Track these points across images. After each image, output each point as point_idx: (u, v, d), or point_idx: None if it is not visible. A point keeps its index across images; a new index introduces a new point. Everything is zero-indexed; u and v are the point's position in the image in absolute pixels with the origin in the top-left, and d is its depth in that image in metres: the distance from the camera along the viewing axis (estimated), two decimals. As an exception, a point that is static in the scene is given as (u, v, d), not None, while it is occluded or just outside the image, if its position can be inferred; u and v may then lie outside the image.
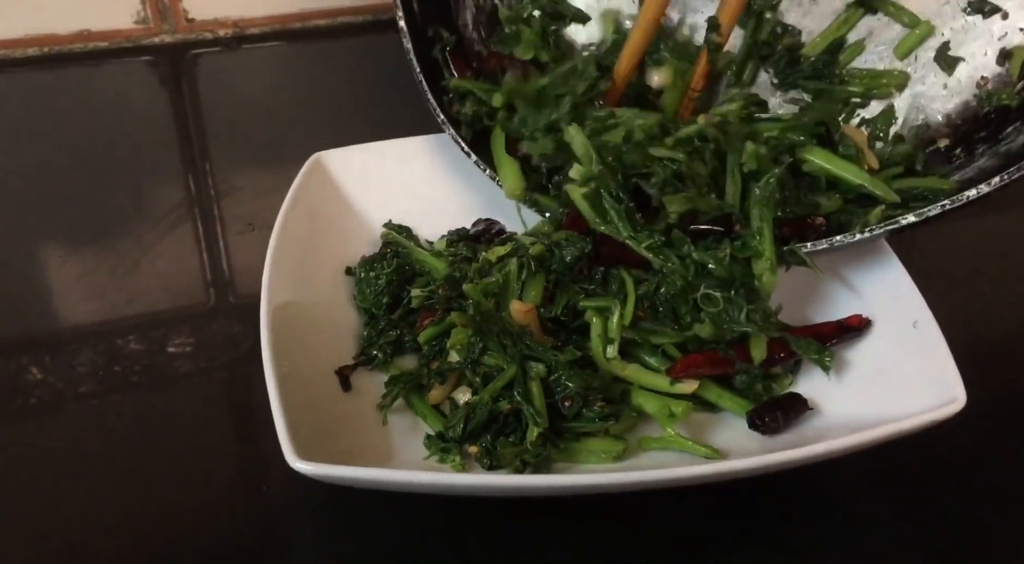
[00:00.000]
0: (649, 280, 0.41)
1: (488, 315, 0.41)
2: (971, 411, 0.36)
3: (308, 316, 0.45)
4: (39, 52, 0.77)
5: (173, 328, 0.50)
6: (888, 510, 0.40)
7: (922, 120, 0.50)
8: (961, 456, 0.41)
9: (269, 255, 0.45)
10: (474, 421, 0.39)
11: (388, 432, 0.41)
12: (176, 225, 0.59)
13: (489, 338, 0.40)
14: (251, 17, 0.82)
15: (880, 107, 0.51)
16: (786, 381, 0.43)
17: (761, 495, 0.39)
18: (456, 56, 0.54)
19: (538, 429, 0.38)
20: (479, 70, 0.54)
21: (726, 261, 0.40)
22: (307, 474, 0.34)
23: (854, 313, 0.44)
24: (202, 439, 0.44)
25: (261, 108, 0.73)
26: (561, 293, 0.42)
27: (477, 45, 0.56)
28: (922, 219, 0.40)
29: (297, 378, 0.39)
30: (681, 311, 0.41)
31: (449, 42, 0.54)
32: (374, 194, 0.53)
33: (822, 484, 0.40)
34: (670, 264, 0.41)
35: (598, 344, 0.41)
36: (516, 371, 0.40)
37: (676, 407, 0.40)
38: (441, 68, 0.54)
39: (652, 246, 0.41)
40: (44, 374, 0.47)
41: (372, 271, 0.47)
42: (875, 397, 0.40)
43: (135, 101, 0.74)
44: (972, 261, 0.57)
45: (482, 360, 0.41)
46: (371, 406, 0.42)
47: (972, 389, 0.37)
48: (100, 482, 0.41)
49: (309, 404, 0.39)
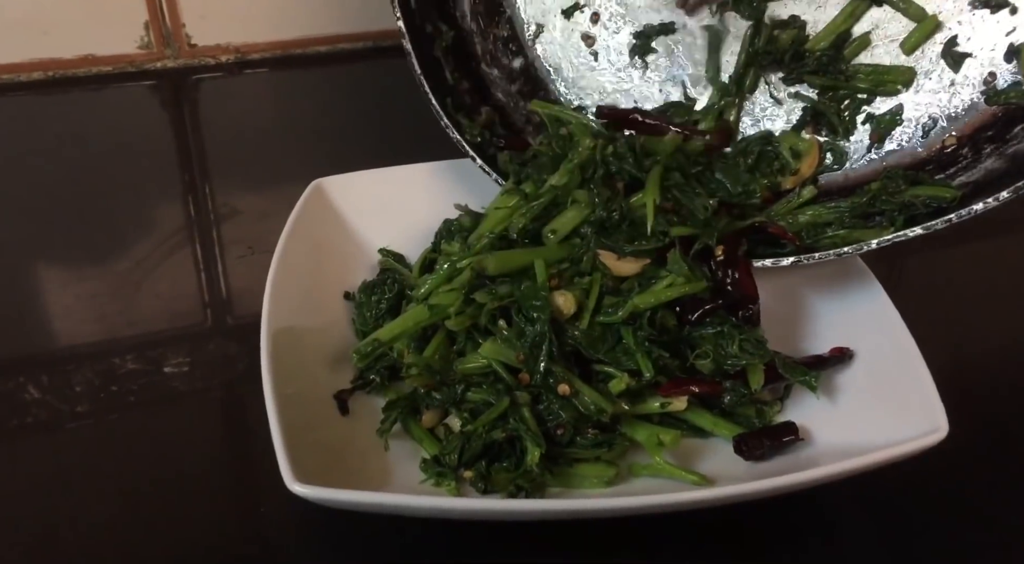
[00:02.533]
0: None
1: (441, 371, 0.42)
2: (954, 440, 0.37)
3: (307, 340, 0.45)
4: (44, 76, 0.79)
5: (171, 349, 0.50)
6: (871, 535, 0.40)
7: (928, 118, 0.49)
8: (944, 484, 0.42)
9: (270, 279, 0.46)
10: (469, 451, 0.40)
11: (385, 455, 0.41)
12: (176, 247, 0.60)
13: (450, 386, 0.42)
14: (252, 43, 0.83)
15: (888, 104, 0.50)
16: (775, 408, 0.44)
17: (746, 518, 0.40)
18: (454, 54, 0.55)
19: (539, 450, 0.39)
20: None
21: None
22: (305, 497, 0.35)
23: (838, 343, 0.45)
24: (199, 459, 0.44)
25: (261, 133, 0.75)
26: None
27: (476, 38, 0.57)
28: (929, 231, 0.41)
29: (296, 401, 0.40)
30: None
31: (447, 38, 0.55)
32: (373, 220, 0.54)
33: (806, 509, 0.41)
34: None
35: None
36: (507, 403, 0.40)
37: (665, 436, 0.41)
38: (443, 68, 0.55)
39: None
40: (42, 393, 0.47)
41: (373, 296, 0.48)
42: (860, 426, 0.41)
43: (137, 124, 0.76)
44: (956, 291, 0.58)
45: (465, 397, 0.42)
46: (369, 429, 0.42)
47: (955, 418, 0.38)
48: (96, 501, 0.41)
49: (308, 427, 0.39)
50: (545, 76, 0.59)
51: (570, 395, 0.40)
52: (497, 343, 0.41)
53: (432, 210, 0.55)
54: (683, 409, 0.42)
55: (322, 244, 0.51)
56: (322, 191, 0.54)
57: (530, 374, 0.40)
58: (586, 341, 0.41)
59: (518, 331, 0.41)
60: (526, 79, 0.59)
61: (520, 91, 0.59)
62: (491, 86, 0.58)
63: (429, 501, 0.37)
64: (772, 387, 0.43)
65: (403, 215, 0.54)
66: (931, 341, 0.42)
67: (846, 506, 0.41)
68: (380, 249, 0.53)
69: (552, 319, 0.41)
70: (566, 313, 0.41)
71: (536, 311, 0.41)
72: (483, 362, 0.41)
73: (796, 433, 0.41)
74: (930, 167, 0.48)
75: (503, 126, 0.57)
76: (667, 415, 0.42)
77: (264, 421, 0.38)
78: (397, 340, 0.42)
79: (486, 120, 0.56)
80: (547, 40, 0.59)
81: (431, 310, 0.42)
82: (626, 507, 0.37)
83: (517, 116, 0.58)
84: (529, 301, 0.41)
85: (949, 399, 0.39)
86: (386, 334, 0.42)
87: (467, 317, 0.42)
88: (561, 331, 0.41)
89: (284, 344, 0.43)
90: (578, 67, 0.58)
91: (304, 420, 0.40)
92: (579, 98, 0.58)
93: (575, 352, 0.42)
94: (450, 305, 0.42)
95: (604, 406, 0.40)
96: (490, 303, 0.41)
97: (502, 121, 0.57)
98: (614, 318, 0.41)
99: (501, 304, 0.41)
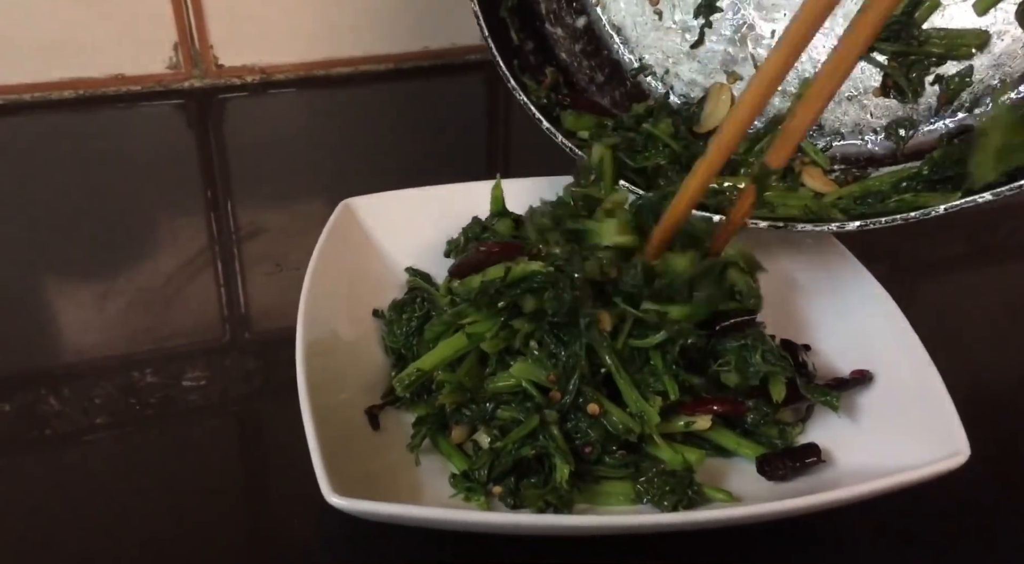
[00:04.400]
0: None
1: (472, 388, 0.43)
2: (975, 464, 0.38)
3: (339, 355, 0.46)
4: (75, 95, 0.80)
5: (201, 362, 0.51)
6: (891, 557, 0.41)
7: (999, 81, 0.48)
8: (965, 507, 0.43)
9: (303, 295, 0.47)
10: (499, 467, 0.41)
11: (415, 470, 0.42)
12: (205, 264, 0.61)
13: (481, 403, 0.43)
14: (277, 64, 0.85)
15: (957, 66, 0.49)
16: (797, 429, 0.45)
17: (764, 537, 0.41)
18: (519, 14, 0.56)
19: (569, 468, 0.40)
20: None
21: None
22: (343, 509, 0.35)
23: (858, 365, 0.46)
24: (220, 472, 0.45)
25: (285, 151, 0.76)
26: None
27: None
28: (998, 197, 0.40)
29: (330, 415, 0.41)
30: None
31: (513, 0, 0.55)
32: (399, 239, 0.55)
33: (825, 529, 0.41)
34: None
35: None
36: (537, 421, 0.41)
37: (690, 455, 0.42)
38: (508, 28, 0.56)
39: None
40: (61, 405, 0.48)
41: (404, 314, 0.48)
42: (881, 448, 0.42)
43: (165, 142, 0.77)
44: (976, 314, 0.59)
45: (496, 415, 0.42)
46: (399, 444, 0.43)
47: (976, 442, 0.38)
48: (117, 512, 0.42)
49: (341, 441, 0.40)
50: (608, 35, 0.60)
51: (599, 415, 0.41)
52: (528, 363, 0.42)
53: (457, 230, 0.56)
54: (707, 428, 0.43)
55: (351, 262, 0.53)
56: (350, 210, 0.55)
57: (562, 393, 0.41)
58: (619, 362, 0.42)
59: (548, 352, 0.42)
60: (589, 38, 0.60)
61: (584, 50, 0.60)
62: (555, 46, 0.59)
63: (465, 515, 0.37)
64: (795, 408, 0.44)
65: (429, 234, 0.55)
66: (951, 363, 0.43)
67: (865, 526, 0.42)
68: (407, 268, 0.54)
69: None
70: (605, 328, 0.42)
71: (572, 337, 0.42)
72: (513, 381, 0.42)
73: (819, 455, 0.42)
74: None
75: (567, 86, 0.58)
76: (691, 434, 0.43)
77: (288, 435, 0.38)
78: (437, 368, 0.43)
79: (551, 81, 0.57)
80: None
81: (469, 338, 0.43)
82: (653, 524, 0.38)
83: (581, 76, 0.59)
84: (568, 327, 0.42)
85: (970, 423, 0.39)
86: (427, 364, 0.43)
87: (501, 340, 0.43)
88: (592, 353, 0.42)
89: (317, 359, 0.43)
90: (642, 26, 0.59)
91: (337, 434, 0.40)
92: (642, 57, 0.58)
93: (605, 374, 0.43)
94: (486, 331, 0.43)
95: (632, 426, 0.41)
96: (524, 328, 0.42)
97: (566, 81, 0.59)
98: (646, 342, 0.42)
99: (535, 329, 0.42)
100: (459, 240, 0.54)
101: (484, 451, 0.42)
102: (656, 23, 0.58)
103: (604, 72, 0.60)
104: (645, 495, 0.40)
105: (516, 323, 0.42)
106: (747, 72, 0.57)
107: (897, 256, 0.64)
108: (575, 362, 0.41)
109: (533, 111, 0.52)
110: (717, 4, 0.56)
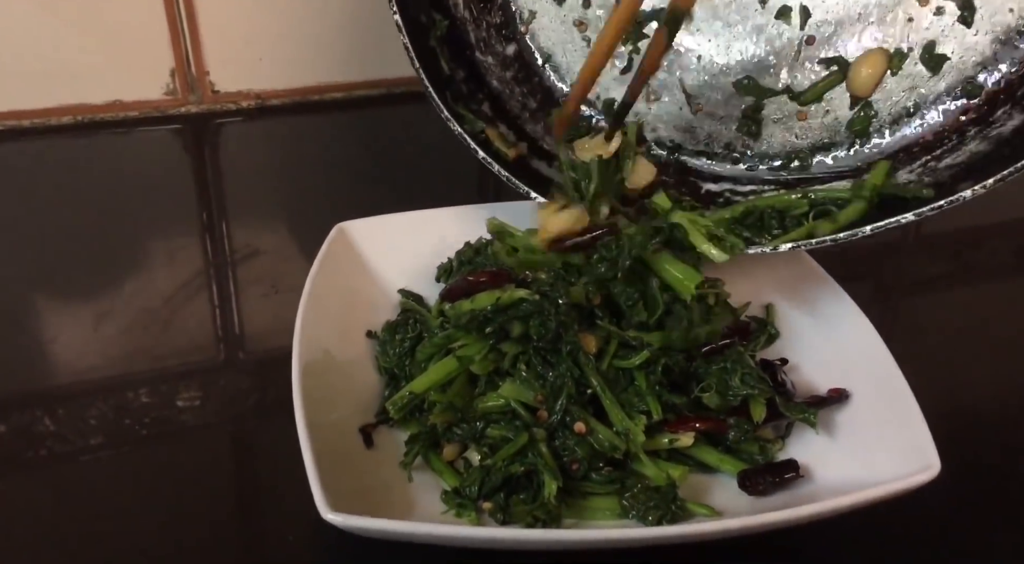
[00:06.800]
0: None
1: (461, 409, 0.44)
2: (945, 477, 0.39)
3: (333, 375, 0.47)
4: (72, 120, 0.82)
5: (197, 382, 0.52)
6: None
7: (912, 103, 0.49)
8: (936, 520, 0.44)
9: (299, 316, 0.48)
10: (489, 483, 0.42)
11: (407, 487, 0.43)
12: (201, 286, 0.62)
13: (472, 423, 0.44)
14: (272, 89, 0.87)
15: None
16: (777, 446, 0.46)
17: (746, 550, 0.42)
18: (449, 43, 0.55)
19: (556, 484, 0.41)
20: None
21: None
22: (338, 525, 0.36)
23: (834, 384, 0.47)
24: (215, 490, 0.45)
25: (279, 175, 0.77)
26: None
27: (470, 26, 0.57)
28: (920, 218, 0.41)
29: (325, 433, 0.42)
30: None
31: (441, 27, 0.55)
32: (392, 262, 0.56)
33: (800, 541, 0.43)
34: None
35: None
36: (525, 439, 0.43)
37: (674, 472, 0.43)
38: (439, 58, 0.55)
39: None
40: (56, 425, 0.49)
41: (397, 335, 0.50)
42: (857, 463, 0.43)
43: (162, 167, 0.78)
44: (953, 332, 0.60)
45: (486, 434, 0.44)
46: (392, 461, 0.44)
47: (947, 457, 0.40)
48: (113, 531, 0.42)
49: (336, 458, 0.41)
50: (538, 63, 0.59)
51: (586, 433, 0.42)
52: (517, 384, 0.43)
53: (448, 253, 0.57)
54: (690, 445, 0.44)
55: (345, 284, 0.54)
56: (345, 234, 0.56)
57: (549, 413, 0.43)
58: (604, 382, 0.43)
59: (535, 373, 0.44)
60: (520, 65, 0.59)
61: (515, 77, 0.59)
62: (486, 74, 0.58)
63: (456, 531, 0.38)
64: (774, 425, 0.46)
65: (421, 257, 0.57)
66: (927, 381, 0.44)
67: (839, 538, 0.43)
68: (400, 290, 0.55)
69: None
70: (590, 351, 0.44)
71: (559, 359, 0.43)
72: (503, 401, 0.44)
73: (798, 470, 0.43)
74: (916, 149, 0.48)
75: (499, 114, 0.57)
76: (675, 451, 0.45)
77: (282, 453, 0.39)
78: (429, 391, 0.45)
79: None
80: (540, 26, 0.59)
81: (460, 361, 0.45)
82: (638, 538, 0.39)
83: (513, 103, 0.58)
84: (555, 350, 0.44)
85: (941, 438, 0.41)
86: (419, 387, 0.45)
87: (490, 362, 0.44)
88: (579, 374, 0.44)
89: (313, 378, 0.45)
90: (571, 52, 0.58)
91: (332, 451, 0.41)
92: (573, 84, 0.56)
93: (591, 395, 0.44)
94: (476, 354, 0.44)
95: (618, 444, 0.42)
96: (512, 350, 0.44)
97: (498, 109, 0.58)
98: (629, 363, 0.44)
99: (522, 351, 0.44)
100: (450, 265, 0.55)
101: (475, 468, 0.43)
102: (586, 50, 0.57)
103: (536, 98, 0.59)
104: (631, 510, 0.42)
105: (504, 346, 0.44)
106: (675, 97, 0.56)
107: (881, 275, 0.66)
108: (562, 383, 0.43)
109: (468, 141, 0.52)
110: (644, 31, 0.56)
